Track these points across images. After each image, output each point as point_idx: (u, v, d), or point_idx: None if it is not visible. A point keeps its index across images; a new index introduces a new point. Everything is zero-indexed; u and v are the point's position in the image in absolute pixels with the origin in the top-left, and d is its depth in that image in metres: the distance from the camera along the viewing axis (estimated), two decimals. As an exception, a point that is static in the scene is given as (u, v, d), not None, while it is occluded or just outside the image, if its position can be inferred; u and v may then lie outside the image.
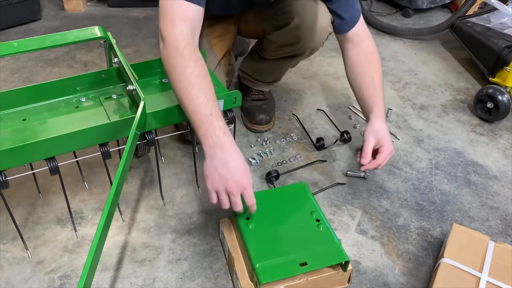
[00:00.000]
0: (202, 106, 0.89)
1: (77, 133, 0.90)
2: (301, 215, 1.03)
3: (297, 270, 0.92)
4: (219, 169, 0.88)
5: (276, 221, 1.02)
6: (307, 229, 1.00)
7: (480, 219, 1.22)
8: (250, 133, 1.49)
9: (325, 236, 0.98)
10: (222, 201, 0.90)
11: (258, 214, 1.00)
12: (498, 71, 1.65)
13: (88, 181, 1.26)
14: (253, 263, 0.91)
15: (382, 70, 1.28)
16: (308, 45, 1.26)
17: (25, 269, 1.03)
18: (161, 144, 1.40)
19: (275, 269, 0.91)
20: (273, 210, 1.04)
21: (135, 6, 2.41)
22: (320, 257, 0.94)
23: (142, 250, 1.09)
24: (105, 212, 0.78)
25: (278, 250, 0.95)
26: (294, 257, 0.93)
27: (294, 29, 1.22)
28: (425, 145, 1.48)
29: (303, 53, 1.30)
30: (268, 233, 0.99)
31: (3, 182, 0.88)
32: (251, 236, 0.97)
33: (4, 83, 1.71)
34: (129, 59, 1.87)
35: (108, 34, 1.11)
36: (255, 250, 0.94)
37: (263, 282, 0.88)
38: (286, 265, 0.92)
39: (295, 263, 0.92)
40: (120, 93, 1.11)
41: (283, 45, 1.29)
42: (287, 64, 1.40)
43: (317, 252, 0.95)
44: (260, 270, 0.90)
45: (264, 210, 1.02)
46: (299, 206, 1.06)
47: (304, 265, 0.92)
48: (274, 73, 1.46)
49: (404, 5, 2.43)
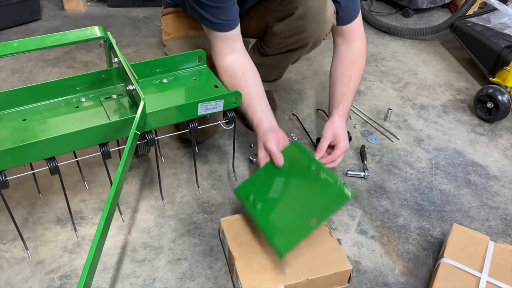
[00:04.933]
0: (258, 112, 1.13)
1: (77, 133, 0.90)
2: (300, 174, 1.04)
3: (310, 229, 0.94)
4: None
5: (280, 192, 1.03)
6: (309, 184, 1.01)
7: (480, 219, 1.22)
8: (250, 133, 1.49)
9: (326, 183, 0.98)
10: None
11: (262, 191, 1.04)
12: (498, 71, 1.65)
13: (88, 181, 1.26)
14: (270, 241, 0.95)
15: (382, 70, 1.28)
16: (312, 35, 1.26)
17: (25, 269, 1.03)
18: (161, 144, 1.40)
19: (290, 238, 0.94)
20: (274, 182, 1.05)
21: (135, 6, 2.41)
22: (327, 206, 0.96)
23: (142, 250, 1.09)
24: (105, 212, 0.78)
25: (287, 219, 0.98)
26: (304, 218, 0.95)
27: (299, 19, 1.23)
28: (425, 145, 1.48)
29: (307, 44, 1.30)
30: (275, 206, 1.01)
31: (3, 182, 0.88)
32: (261, 215, 1.00)
33: (4, 83, 1.71)
34: (129, 59, 1.87)
35: (108, 34, 1.11)
36: (268, 227, 0.98)
37: (284, 255, 0.92)
38: (299, 229, 0.95)
39: (306, 223, 0.94)
40: (120, 93, 1.11)
41: (287, 36, 1.29)
42: (290, 58, 1.40)
43: (323, 203, 0.96)
44: (278, 244, 0.94)
45: (266, 185, 1.05)
46: (296, 166, 1.06)
47: (315, 221, 0.94)
48: (276, 70, 1.46)
49: (404, 5, 2.43)
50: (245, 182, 1.11)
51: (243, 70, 1.15)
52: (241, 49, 1.16)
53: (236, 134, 1.21)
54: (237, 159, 1.36)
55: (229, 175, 1.32)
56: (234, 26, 1.12)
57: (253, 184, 1.08)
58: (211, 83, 1.16)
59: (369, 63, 1.94)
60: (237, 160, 1.36)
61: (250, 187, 1.08)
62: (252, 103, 1.12)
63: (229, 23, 1.10)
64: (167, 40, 1.37)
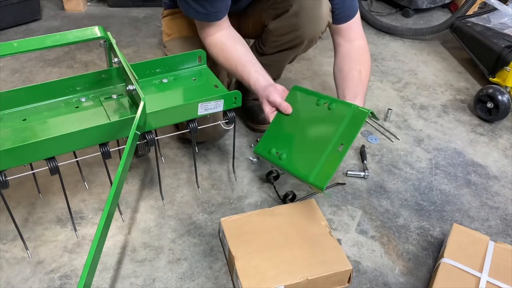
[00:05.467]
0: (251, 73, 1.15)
1: (77, 133, 0.90)
2: (312, 112, 1.08)
3: (340, 156, 0.98)
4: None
5: (299, 135, 1.07)
6: (324, 118, 1.05)
7: (480, 219, 1.22)
8: (250, 133, 1.49)
9: (340, 110, 1.03)
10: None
11: (281, 142, 1.08)
12: (498, 71, 1.65)
13: (88, 181, 1.26)
14: (307, 180, 0.99)
15: (382, 70, 1.28)
16: (307, 33, 1.26)
17: (25, 269, 1.03)
18: (161, 144, 1.40)
19: (324, 170, 0.98)
20: (289, 129, 1.09)
21: (135, 6, 2.41)
22: (349, 129, 0.99)
23: (142, 250, 1.09)
24: (105, 212, 0.78)
25: (315, 156, 1.00)
26: (331, 149, 0.99)
27: (293, 16, 1.23)
28: (425, 145, 1.48)
29: (302, 42, 1.29)
30: (299, 149, 1.05)
31: (3, 182, 0.88)
32: (289, 163, 1.05)
33: (4, 83, 1.71)
34: (129, 59, 1.87)
35: (108, 34, 1.11)
36: (300, 170, 1.02)
37: (323, 187, 0.96)
38: (330, 160, 0.99)
39: (335, 152, 0.98)
40: (120, 93, 1.11)
41: (282, 34, 1.29)
42: (286, 57, 1.39)
43: (344, 128, 1.00)
44: (315, 180, 0.98)
45: (283, 135, 1.09)
46: (305, 107, 1.09)
47: (342, 147, 0.98)
48: (273, 69, 1.46)
49: (404, 5, 2.43)
50: (261, 140, 1.14)
51: (232, 42, 1.18)
52: (228, 26, 1.19)
53: (236, 134, 1.21)
54: (237, 159, 1.36)
55: (229, 175, 1.32)
56: (221, 16, 1.15)
57: (270, 139, 1.11)
58: (211, 83, 1.16)
59: (369, 63, 1.94)
60: (237, 160, 1.36)
61: (268, 143, 1.11)
62: (246, 67, 1.15)
63: (217, 14, 1.13)
64: (167, 41, 1.37)
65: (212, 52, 1.19)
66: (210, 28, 1.17)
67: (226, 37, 1.18)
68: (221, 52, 1.17)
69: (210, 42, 1.18)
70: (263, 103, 1.13)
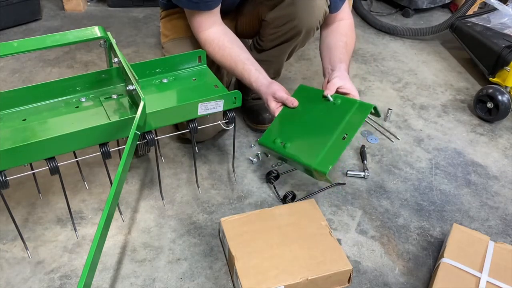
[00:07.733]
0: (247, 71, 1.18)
1: (77, 133, 0.90)
2: (317, 106, 1.11)
3: (344, 144, 1.01)
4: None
5: (303, 126, 1.10)
6: (329, 111, 1.08)
7: (480, 219, 1.22)
8: (250, 133, 1.49)
9: (345, 104, 1.07)
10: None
11: (286, 133, 1.10)
12: (498, 71, 1.65)
13: (88, 181, 1.26)
14: (311, 167, 1.01)
15: (382, 70, 1.28)
16: (304, 23, 1.26)
17: (25, 269, 1.03)
18: (161, 144, 1.40)
19: (327, 157, 1.00)
20: (294, 121, 1.11)
21: (135, 6, 2.41)
22: (353, 121, 1.03)
23: (142, 250, 1.09)
24: (105, 212, 0.78)
25: (319, 144, 1.03)
26: (334, 139, 1.02)
27: (289, 5, 1.24)
28: (425, 145, 1.48)
29: (300, 33, 1.29)
30: (304, 139, 1.08)
31: (3, 182, 0.88)
32: (293, 151, 1.07)
33: (4, 83, 1.71)
34: (129, 59, 1.87)
35: (108, 34, 1.11)
36: (304, 157, 1.04)
37: (327, 172, 0.98)
38: (333, 148, 1.01)
39: (339, 141, 1.01)
40: (120, 93, 1.11)
41: (279, 24, 1.29)
42: (285, 50, 1.38)
43: (349, 120, 1.03)
44: (318, 165, 1.00)
45: (288, 126, 1.11)
46: (310, 102, 1.13)
47: (346, 137, 1.01)
48: (273, 65, 1.45)
49: (404, 5, 2.43)
50: (266, 132, 1.15)
51: (229, 39, 1.20)
52: (222, 23, 1.21)
53: (236, 134, 1.21)
54: (237, 159, 1.36)
55: (229, 175, 1.32)
56: (213, 6, 1.15)
57: (274, 131, 1.13)
58: (211, 83, 1.16)
59: (369, 63, 1.94)
60: (237, 160, 1.36)
61: (272, 134, 1.13)
62: (247, 65, 1.18)
63: (208, 3, 1.14)
64: (165, 42, 1.37)
65: (209, 49, 1.19)
66: (202, 21, 1.17)
67: (222, 34, 1.19)
68: (218, 49, 1.18)
69: (206, 38, 1.19)
70: (268, 99, 1.14)
